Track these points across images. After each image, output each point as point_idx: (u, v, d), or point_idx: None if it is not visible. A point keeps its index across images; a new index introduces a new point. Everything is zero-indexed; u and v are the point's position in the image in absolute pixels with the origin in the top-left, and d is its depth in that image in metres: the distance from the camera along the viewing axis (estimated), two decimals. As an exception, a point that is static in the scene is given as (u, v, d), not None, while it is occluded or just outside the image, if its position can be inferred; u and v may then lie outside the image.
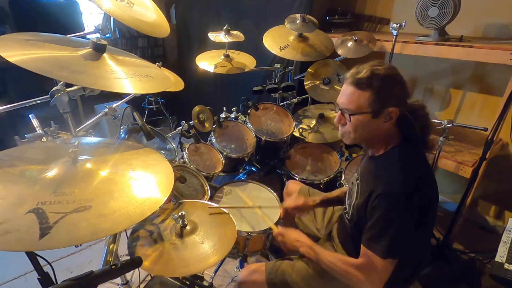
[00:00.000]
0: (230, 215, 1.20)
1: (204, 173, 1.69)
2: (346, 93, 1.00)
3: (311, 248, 1.13)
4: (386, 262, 0.94)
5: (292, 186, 1.66)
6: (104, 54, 1.04)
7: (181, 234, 1.08)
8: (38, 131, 1.16)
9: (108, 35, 2.74)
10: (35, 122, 1.21)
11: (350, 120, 1.00)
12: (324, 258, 1.08)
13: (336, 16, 2.62)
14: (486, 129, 1.58)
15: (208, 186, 1.62)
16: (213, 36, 1.93)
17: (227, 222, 1.17)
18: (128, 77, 1.00)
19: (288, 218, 1.64)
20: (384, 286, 1.00)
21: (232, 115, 2.16)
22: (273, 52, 2.00)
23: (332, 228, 1.35)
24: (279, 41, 2.05)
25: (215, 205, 1.26)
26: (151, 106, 3.45)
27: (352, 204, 1.11)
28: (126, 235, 1.17)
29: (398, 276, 1.07)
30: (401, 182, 0.93)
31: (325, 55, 2.11)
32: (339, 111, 1.04)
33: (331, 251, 1.26)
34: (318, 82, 2.21)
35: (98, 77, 0.95)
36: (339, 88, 2.16)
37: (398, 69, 0.98)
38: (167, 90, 1.14)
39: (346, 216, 1.17)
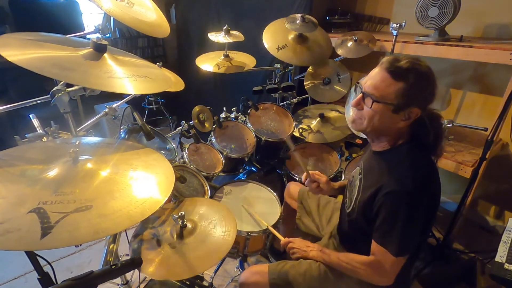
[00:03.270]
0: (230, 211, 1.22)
1: (204, 173, 1.69)
2: (376, 78, 0.94)
3: (322, 251, 1.18)
4: (397, 260, 0.95)
5: (293, 187, 1.66)
6: (105, 54, 1.04)
7: (181, 235, 1.08)
8: (38, 131, 1.16)
9: (108, 35, 2.74)
10: (35, 122, 1.21)
11: (371, 107, 0.95)
12: (336, 258, 1.12)
13: (336, 16, 2.62)
14: (486, 129, 1.58)
15: (208, 186, 1.62)
16: (213, 36, 1.94)
17: (227, 218, 1.18)
18: (124, 77, 0.99)
19: (288, 218, 1.65)
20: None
21: (232, 115, 2.16)
22: (272, 53, 2.00)
23: (333, 228, 1.35)
24: (278, 39, 2.04)
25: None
26: (151, 106, 3.45)
27: (354, 198, 1.10)
28: (126, 235, 1.17)
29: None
30: (410, 180, 0.92)
31: (323, 59, 2.11)
32: (361, 94, 0.98)
33: (333, 249, 1.26)
34: (318, 82, 2.21)
35: (91, 75, 0.94)
36: (339, 88, 2.16)
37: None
38: (168, 90, 1.14)
39: (347, 210, 1.16)
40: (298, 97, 2.33)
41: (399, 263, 0.97)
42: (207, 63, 1.97)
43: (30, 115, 1.24)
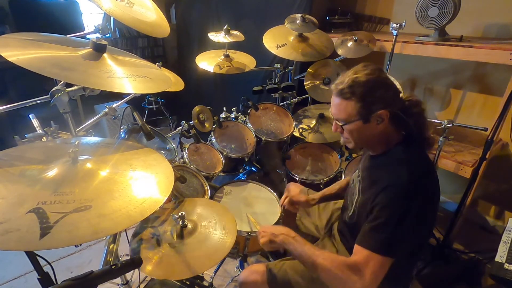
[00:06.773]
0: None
1: (204, 173, 1.69)
2: (334, 104, 1.04)
3: (294, 238, 1.03)
4: (382, 260, 0.88)
5: (294, 188, 1.66)
6: (104, 54, 1.04)
7: (181, 235, 1.08)
8: (38, 131, 1.16)
9: (108, 35, 2.74)
10: (35, 122, 1.21)
11: (345, 129, 1.04)
12: (309, 250, 0.97)
13: (336, 16, 2.63)
14: (486, 129, 1.58)
15: (208, 186, 1.62)
16: (213, 36, 1.94)
17: (227, 219, 1.18)
18: (124, 77, 0.99)
19: (288, 219, 1.64)
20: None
21: (232, 115, 2.16)
22: (270, 50, 2.00)
23: (332, 227, 1.35)
24: (278, 40, 2.05)
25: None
26: (151, 106, 3.46)
27: (355, 201, 1.10)
28: (126, 235, 1.17)
29: (393, 275, 1.07)
30: (407, 172, 0.93)
31: (325, 55, 2.11)
32: (335, 121, 1.07)
33: (332, 249, 1.26)
34: (318, 82, 2.21)
35: (91, 75, 0.94)
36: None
37: (383, 70, 0.99)
38: (167, 90, 1.14)
39: (348, 213, 1.16)
40: (298, 97, 2.33)
41: (383, 264, 0.88)
42: (207, 62, 1.96)
43: (30, 115, 1.24)
